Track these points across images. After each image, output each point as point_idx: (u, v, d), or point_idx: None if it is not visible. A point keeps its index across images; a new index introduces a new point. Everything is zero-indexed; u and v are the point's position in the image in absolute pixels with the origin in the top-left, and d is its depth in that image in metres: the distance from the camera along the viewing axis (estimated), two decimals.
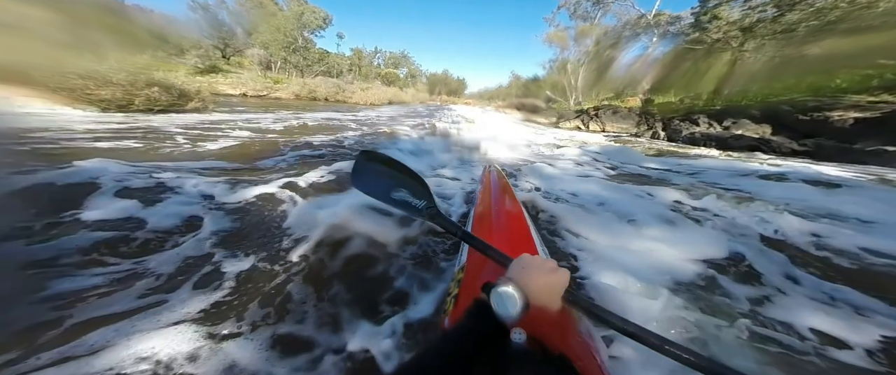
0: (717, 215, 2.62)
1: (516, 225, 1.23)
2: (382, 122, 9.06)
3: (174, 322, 1.00)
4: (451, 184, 3.07)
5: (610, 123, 12.14)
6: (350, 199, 2.32)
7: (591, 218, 2.44)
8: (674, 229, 2.34)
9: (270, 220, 1.99)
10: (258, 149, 4.09)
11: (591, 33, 20.51)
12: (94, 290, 1.13)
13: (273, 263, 1.42)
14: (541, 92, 26.06)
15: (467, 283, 0.84)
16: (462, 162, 4.23)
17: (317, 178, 2.98)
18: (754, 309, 1.36)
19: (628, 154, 5.93)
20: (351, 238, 1.68)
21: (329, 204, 2.24)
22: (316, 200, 2.34)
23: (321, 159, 3.87)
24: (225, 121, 5.64)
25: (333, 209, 2.16)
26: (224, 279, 1.26)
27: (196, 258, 1.41)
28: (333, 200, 2.32)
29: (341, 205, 2.19)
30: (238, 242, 1.63)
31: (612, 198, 3.03)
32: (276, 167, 3.36)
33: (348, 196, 2.44)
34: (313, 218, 1.99)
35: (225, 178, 2.64)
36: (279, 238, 1.73)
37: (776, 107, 7.58)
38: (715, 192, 3.32)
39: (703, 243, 2.04)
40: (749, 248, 1.98)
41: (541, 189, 3.27)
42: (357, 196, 2.40)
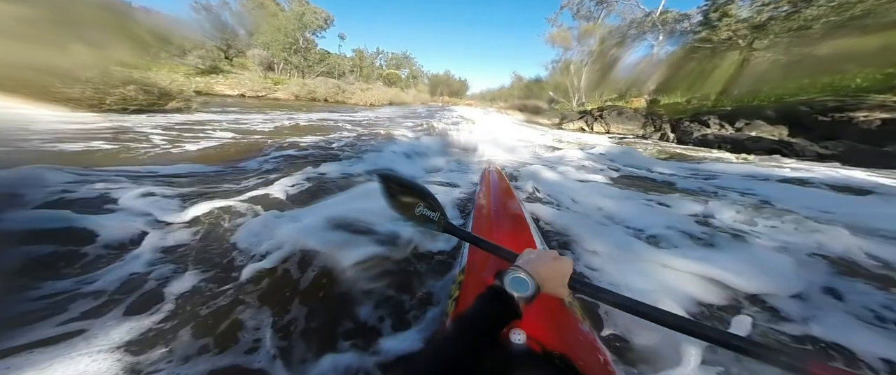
0: (748, 230, 2.26)
1: (517, 224, 1.21)
2: (379, 124, 8.77)
3: (95, 351, 0.87)
4: (451, 186, 2.94)
5: (615, 125, 11.76)
6: (322, 212, 2.03)
7: (600, 234, 2.11)
8: (699, 247, 1.99)
9: (227, 234, 1.70)
10: (236, 151, 3.80)
11: (594, 33, 20.16)
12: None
13: (223, 284, 1.24)
14: (543, 93, 25.74)
15: (468, 284, 0.84)
16: (461, 163, 4.03)
17: (292, 185, 2.67)
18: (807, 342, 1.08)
19: (636, 157, 5.57)
20: (316, 256, 1.49)
21: (298, 217, 1.96)
22: (285, 212, 2.04)
23: (304, 162, 3.57)
24: (209, 122, 5.36)
25: (301, 223, 1.87)
26: (163, 302, 1.11)
27: (133, 278, 1.23)
28: (304, 213, 2.02)
29: (309, 219, 1.89)
30: (186, 259, 1.42)
31: (624, 209, 2.70)
32: (250, 171, 3.06)
33: (321, 207, 2.14)
34: (277, 233, 1.72)
35: (188, 185, 2.34)
36: (235, 255, 1.50)
37: (793, 107, 7.18)
38: (739, 201, 2.96)
39: (736, 265, 1.70)
40: (793, 271, 1.63)
41: (545, 196, 2.97)
42: (329, 208, 2.12)
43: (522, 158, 5.18)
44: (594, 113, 13.04)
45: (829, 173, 4.36)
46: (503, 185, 1.82)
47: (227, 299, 1.15)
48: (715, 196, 3.16)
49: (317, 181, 2.93)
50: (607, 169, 4.57)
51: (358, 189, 2.70)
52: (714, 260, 1.80)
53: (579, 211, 2.61)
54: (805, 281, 1.54)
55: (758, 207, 2.68)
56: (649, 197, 3.09)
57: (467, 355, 0.39)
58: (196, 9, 22.38)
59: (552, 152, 6.12)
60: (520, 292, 0.45)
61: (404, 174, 3.38)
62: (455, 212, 2.28)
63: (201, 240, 1.63)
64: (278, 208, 2.14)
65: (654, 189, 3.45)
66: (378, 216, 2.03)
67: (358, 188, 2.73)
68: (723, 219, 2.43)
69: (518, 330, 0.48)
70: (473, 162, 4.51)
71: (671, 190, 3.43)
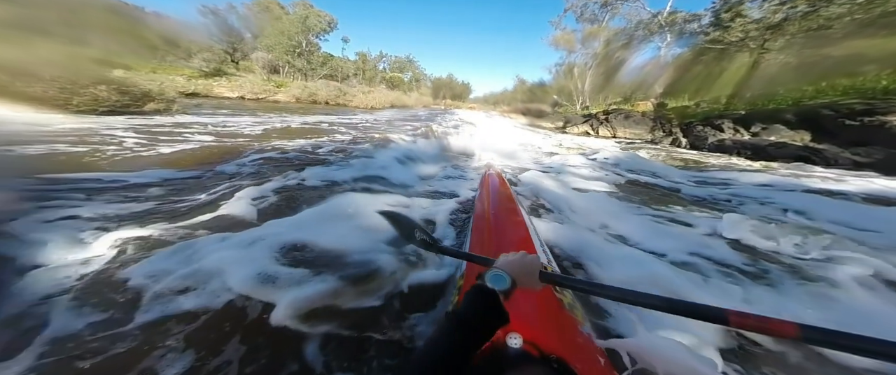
0: (801, 257, 1.86)
1: (516, 228, 1.21)
2: (375, 127, 8.46)
3: None
4: (449, 192, 2.84)
5: (621, 129, 11.33)
6: (280, 234, 1.67)
7: (618, 260, 1.73)
8: (742, 282, 1.60)
9: (143, 265, 1.38)
10: (209, 156, 3.48)
11: (598, 35, 19.80)
12: None
13: (117, 327, 1.01)
14: (546, 96, 25.40)
15: (467, 288, 0.79)
16: (461, 168, 3.85)
17: (256, 198, 2.34)
18: None
19: (648, 164, 5.16)
20: (252, 295, 1.23)
21: (248, 241, 1.61)
22: (233, 235, 1.70)
23: (282, 169, 3.25)
24: (190, 125, 5.08)
25: (247, 250, 1.51)
26: (36, 350, 0.89)
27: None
28: (257, 235, 1.68)
29: (259, 246, 1.54)
30: (86, 296, 1.14)
31: (640, 227, 2.32)
32: (215, 179, 2.73)
33: (280, 228, 1.79)
34: (211, 263, 1.40)
35: (134, 199, 2.02)
36: (147, 292, 1.21)
37: (814, 111, 6.71)
38: (779, 220, 2.54)
39: (799, 308, 1.33)
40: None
41: (551, 211, 2.61)
42: (289, 230, 1.77)
43: (525, 164, 4.81)
44: (599, 116, 12.63)
45: (868, 185, 3.90)
46: (503, 189, 1.78)
47: (124, 347, 0.93)
48: (745, 211, 2.75)
49: (289, 192, 2.60)
50: (617, 177, 4.17)
51: (332, 202, 2.35)
52: (770, 301, 1.41)
53: (590, 228, 2.26)
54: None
55: (804, 228, 2.26)
56: (668, 211, 2.70)
57: (459, 350, 0.43)
58: (204, 13, 22.55)
59: (556, 158, 5.75)
60: (499, 286, 0.50)
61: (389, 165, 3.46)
62: (455, 216, 2.17)
63: (108, 273, 1.28)
64: (229, 228, 1.81)
65: (673, 201, 3.05)
66: (346, 240, 1.69)
67: (332, 201, 2.38)
68: (764, 244, 2.03)
69: (515, 334, 0.50)
70: (473, 166, 4.22)
71: (692, 204, 3.02)
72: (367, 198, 2.49)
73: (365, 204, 2.34)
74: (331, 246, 1.65)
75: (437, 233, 2.02)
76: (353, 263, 1.49)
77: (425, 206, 2.41)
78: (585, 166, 4.94)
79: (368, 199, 2.47)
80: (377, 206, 2.34)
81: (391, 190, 2.82)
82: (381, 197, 2.57)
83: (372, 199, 2.51)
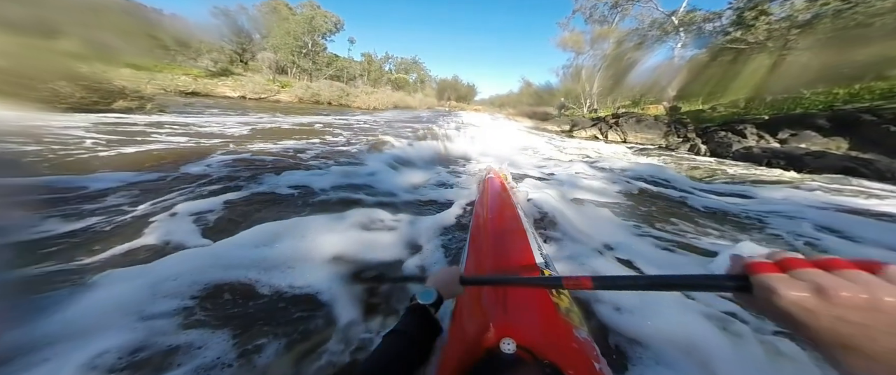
0: None
1: (515, 235, 1.20)
2: (372, 128, 8.06)
3: None
4: (447, 196, 2.72)
5: (633, 133, 10.72)
6: (200, 269, 1.24)
7: (654, 315, 1.24)
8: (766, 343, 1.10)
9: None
10: (173, 158, 3.11)
11: (608, 37, 19.18)
12: None
13: None
14: (553, 99, 24.84)
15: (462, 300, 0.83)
16: (460, 173, 3.71)
17: (202, 211, 1.94)
18: None
19: (666, 173, 4.62)
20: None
21: (153, 281, 1.16)
22: (141, 267, 1.26)
23: (254, 174, 2.90)
24: (166, 124, 4.74)
25: (149, 300, 1.08)
26: None
27: None
28: (171, 271, 1.23)
29: (170, 286, 1.10)
30: None
31: (649, 252, 1.92)
32: (169, 184, 2.38)
33: (201, 257, 1.36)
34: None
35: (66, 204, 1.60)
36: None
37: (853, 115, 6.06)
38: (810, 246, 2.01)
39: None
40: None
41: (552, 223, 2.23)
42: (208, 261, 1.37)
43: (527, 170, 4.33)
44: (609, 120, 12.03)
45: None
46: (503, 194, 1.75)
47: None
48: (807, 243, 2.22)
49: (246, 204, 2.21)
50: (629, 188, 3.66)
51: (287, 224, 1.92)
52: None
53: (597, 250, 1.85)
54: None
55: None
56: (687, 233, 2.20)
57: (400, 363, 0.47)
58: (215, 14, 22.84)
59: (562, 164, 5.25)
60: (425, 300, 0.57)
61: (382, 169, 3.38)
62: (454, 220, 2.11)
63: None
64: (142, 257, 1.38)
65: (693, 219, 2.53)
66: (289, 278, 1.27)
67: (290, 220, 1.95)
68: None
69: (508, 339, 0.50)
70: (471, 171, 3.83)
71: (716, 223, 2.50)
72: (332, 218, 2.07)
73: (326, 227, 1.92)
74: (263, 289, 1.22)
75: (432, 242, 1.81)
76: (290, 318, 1.06)
77: (416, 215, 2.18)
78: (594, 174, 4.44)
79: (331, 221, 2.04)
80: (344, 230, 1.93)
81: (374, 202, 2.44)
82: (355, 215, 2.14)
83: (340, 219, 2.09)
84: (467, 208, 2.34)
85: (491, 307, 0.66)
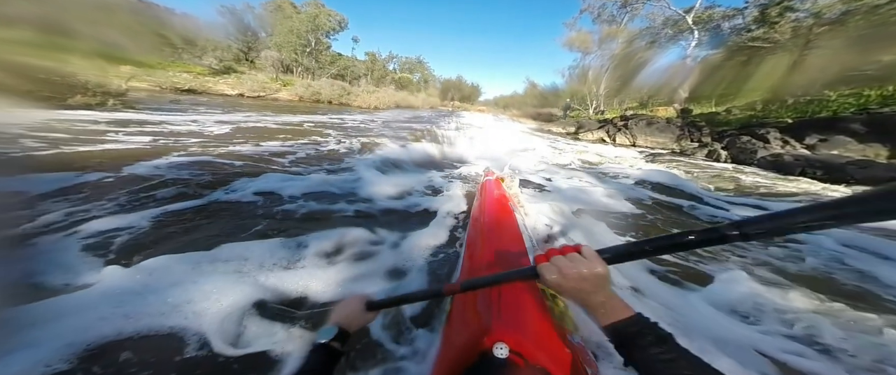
0: None
1: (512, 240, 1.19)
2: (368, 129, 7.65)
3: None
4: (443, 202, 2.54)
5: (642, 136, 10.14)
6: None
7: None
8: None
9: None
10: (117, 160, 2.71)
11: (617, 36, 18.56)
12: None
13: None
14: (558, 100, 24.30)
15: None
16: (456, 178, 3.47)
17: (123, 228, 1.54)
18: None
19: (685, 185, 4.10)
20: None
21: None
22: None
23: (218, 178, 2.59)
24: (131, 122, 4.37)
25: None
26: None
27: None
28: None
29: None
30: None
31: (662, 291, 1.50)
32: (90, 193, 2.01)
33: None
34: None
35: None
36: None
37: (894, 119, 5.46)
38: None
39: None
40: None
41: (553, 238, 1.96)
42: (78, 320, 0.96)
43: (530, 177, 3.87)
44: (617, 122, 11.46)
45: None
46: (501, 198, 1.70)
47: None
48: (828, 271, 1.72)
49: (185, 220, 1.87)
50: (641, 199, 3.17)
51: (235, 249, 1.50)
52: None
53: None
54: None
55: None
56: (713, 267, 1.73)
57: None
58: (222, 12, 22.84)
59: (567, 169, 4.77)
60: (325, 338, 0.53)
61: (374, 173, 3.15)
62: (452, 221, 2.07)
63: None
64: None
65: (747, 255, 2.02)
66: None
67: (234, 248, 1.53)
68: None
69: (501, 343, 0.50)
70: (467, 175, 3.60)
71: (741, 255, 1.99)
72: (288, 242, 1.70)
73: (274, 255, 1.56)
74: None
75: (417, 262, 1.61)
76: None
77: (399, 231, 1.96)
78: (601, 183, 3.95)
79: (283, 247, 1.64)
80: (295, 260, 1.56)
81: (351, 214, 2.17)
82: (319, 238, 1.75)
83: (300, 242, 1.72)
84: (461, 217, 2.17)
85: (484, 311, 0.65)
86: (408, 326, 1.10)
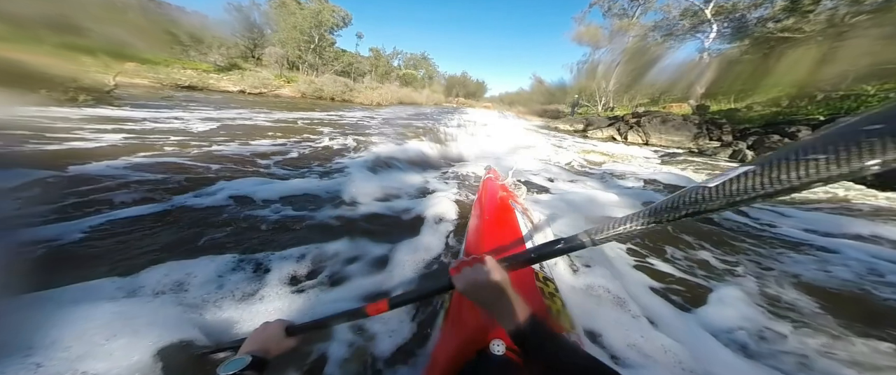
0: None
1: (512, 235, 1.22)
2: (367, 126, 7.32)
3: None
4: (449, 198, 2.42)
5: (656, 135, 9.56)
6: None
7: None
8: None
9: None
10: (68, 158, 2.39)
11: (629, 30, 17.78)
12: None
13: None
14: (566, 97, 23.64)
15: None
16: (453, 178, 3.30)
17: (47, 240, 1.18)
18: None
19: None
20: None
21: None
22: None
23: (187, 179, 2.39)
24: (109, 118, 4.09)
25: None
26: None
27: None
28: None
29: None
30: None
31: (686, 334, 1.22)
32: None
33: None
34: None
35: None
36: None
37: None
38: None
39: None
40: None
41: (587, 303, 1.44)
42: None
43: (533, 178, 3.51)
44: (629, 119, 10.87)
45: None
46: (502, 196, 1.67)
47: None
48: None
49: (126, 232, 1.57)
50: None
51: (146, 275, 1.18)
52: None
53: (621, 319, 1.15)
54: None
55: None
56: (746, 305, 1.37)
57: None
58: (228, 10, 23.11)
59: (575, 172, 4.37)
60: (234, 370, 0.48)
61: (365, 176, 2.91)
62: (448, 227, 1.98)
63: None
64: None
65: (748, 274, 1.62)
66: None
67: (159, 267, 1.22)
68: None
69: (498, 340, 0.51)
70: (464, 174, 3.42)
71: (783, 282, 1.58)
72: (246, 263, 1.43)
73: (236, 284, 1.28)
74: None
75: (416, 264, 1.53)
76: None
77: (394, 232, 1.87)
78: (613, 185, 3.55)
79: (239, 274, 1.34)
80: (256, 281, 1.31)
81: (329, 220, 1.97)
82: (287, 254, 1.51)
83: (260, 261, 1.46)
84: (460, 219, 2.09)
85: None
86: (406, 322, 1.07)
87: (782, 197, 0.26)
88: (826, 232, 2.50)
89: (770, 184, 0.26)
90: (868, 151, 0.22)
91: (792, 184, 0.25)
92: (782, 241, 2.32)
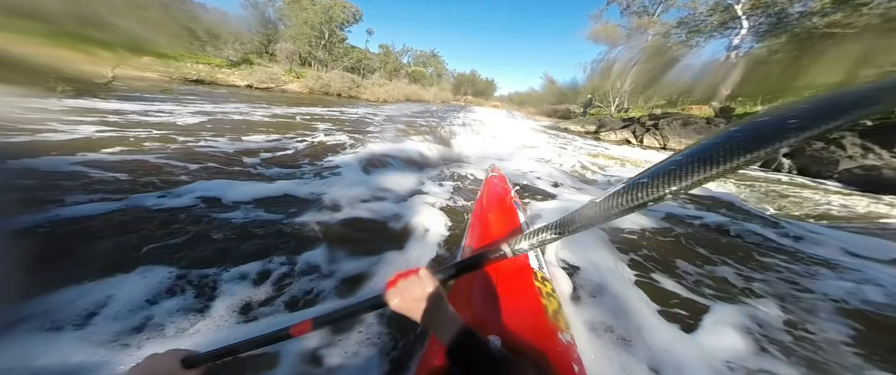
0: None
1: (512, 233, 1.19)
2: (369, 122, 7.04)
3: None
4: (447, 199, 2.38)
5: (675, 138, 8.93)
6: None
7: None
8: None
9: None
10: (38, 150, 2.17)
11: (649, 28, 16.93)
12: None
13: None
14: (578, 97, 22.91)
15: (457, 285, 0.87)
16: (453, 178, 3.16)
17: None
18: None
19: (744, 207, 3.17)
20: None
21: None
22: None
23: (160, 177, 2.21)
24: (91, 110, 3.90)
25: None
26: None
27: None
28: None
29: None
30: None
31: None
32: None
33: None
34: None
35: None
36: None
37: None
38: None
39: None
40: None
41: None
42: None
43: (536, 183, 3.17)
44: (645, 122, 10.24)
45: None
46: (504, 195, 1.66)
47: None
48: None
49: (60, 238, 1.40)
50: (687, 222, 2.34)
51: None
52: None
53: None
54: None
55: None
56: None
57: None
58: (244, 6, 23.55)
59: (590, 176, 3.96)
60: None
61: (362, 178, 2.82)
62: (450, 222, 1.93)
63: None
64: None
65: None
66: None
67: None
68: None
69: (494, 337, 0.53)
70: (471, 176, 3.31)
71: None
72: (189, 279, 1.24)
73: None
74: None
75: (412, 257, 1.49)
76: None
77: (382, 239, 1.70)
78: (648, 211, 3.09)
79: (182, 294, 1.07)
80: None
81: (311, 227, 1.75)
82: (245, 270, 1.31)
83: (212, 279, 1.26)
84: (459, 220, 2.00)
85: (480, 306, 0.69)
86: (403, 319, 0.80)
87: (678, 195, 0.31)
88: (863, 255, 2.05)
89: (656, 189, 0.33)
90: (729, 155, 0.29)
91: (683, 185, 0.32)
92: (814, 259, 1.93)
